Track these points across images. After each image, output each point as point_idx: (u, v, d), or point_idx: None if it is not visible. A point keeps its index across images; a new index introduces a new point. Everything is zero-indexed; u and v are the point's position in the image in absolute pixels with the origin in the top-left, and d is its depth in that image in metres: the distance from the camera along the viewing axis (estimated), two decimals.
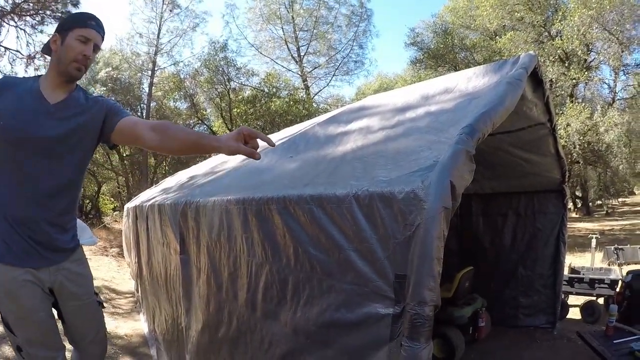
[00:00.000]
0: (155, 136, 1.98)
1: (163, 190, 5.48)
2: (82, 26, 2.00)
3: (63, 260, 2.12)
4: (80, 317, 2.23)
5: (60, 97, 2.04)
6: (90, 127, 2.10)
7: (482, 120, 1.90)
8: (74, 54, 1.98)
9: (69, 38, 1.99)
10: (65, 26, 2.02)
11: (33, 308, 2.00)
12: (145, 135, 2.01)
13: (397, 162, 1.95)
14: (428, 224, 1.44)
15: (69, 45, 1.98)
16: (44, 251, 2.04)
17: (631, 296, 4.37)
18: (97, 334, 2.33)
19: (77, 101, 2.09)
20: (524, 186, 4.91)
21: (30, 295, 1.99)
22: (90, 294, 2.28)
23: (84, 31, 2.00)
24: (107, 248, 11.97)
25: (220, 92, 20.91)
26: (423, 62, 22.25)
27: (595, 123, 15.44)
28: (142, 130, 2.02)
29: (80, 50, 1.99)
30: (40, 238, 2.02)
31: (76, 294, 2.18)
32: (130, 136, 2.11)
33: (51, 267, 2.07)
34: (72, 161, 2.09)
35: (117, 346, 4.87)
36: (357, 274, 1.68)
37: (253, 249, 2.31)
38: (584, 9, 14.86)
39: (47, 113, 2.00)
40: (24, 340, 2.02)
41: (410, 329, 1.45)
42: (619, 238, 14.13)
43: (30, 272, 1.99)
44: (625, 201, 38.27)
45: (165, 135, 1.97)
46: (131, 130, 2.07)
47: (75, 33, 1.99)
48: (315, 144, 3.55)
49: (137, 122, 2.10)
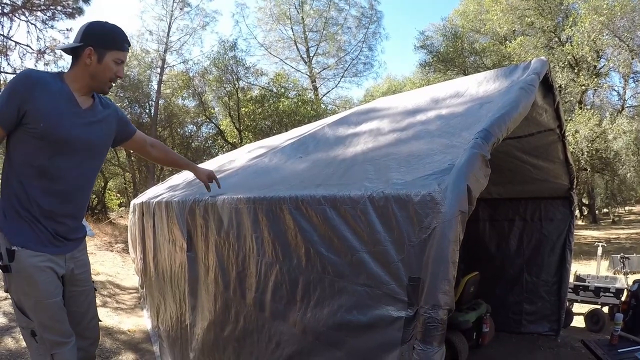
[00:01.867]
0: (154, 151, 2.80)
1: (170, 188, 5.49)
2: (120, 49, 2.16)
3: (75, 248, 2.34)
4: (79, 303, 2.41)
5: (88, 103, 2.23)
6: (109, 133, 2.39)
7: (497, 125, 1.90)
8: (111, 74, 2.17)
9: (107, 59, 2.12)
10: (102, 44, 2.10)
11: (50, 293, 2.13)
12: (148, 148, 2.75)
13: (410, 165, 1.94)
14: (444, 227, 1.44)
15: (107, 66, 2.13)
16: (62, 241, 2.23)
17: (637, 305, 4.36)
18: (93, 319, 2.52)
19: (98, 108, 2.29)
20: (532, 192, 4.90)
21: (49, 280, 2.14)
22: (90, 281, 2.51)
23: (122, 54, 2.17)
24: (112, 243, 12.00)
25: (228, 91, 20.94)
26: (432, 66, 22.19)
27: (603, 130, 15.36)
28: (147, 145, 2.74)
29: (116, 71, 2.17)
30: (61, 230, 2.21)
31: (81, 280, 2.40)
32: (137, 146, 2.72)
33: (67, 255, 2.27)
34: (95, 163, 2.35)
35: (119, 341, 4.89)
36: (369, 276, 1.68)
37: (263, 248, 2.31)
38: (594, 15, 14.78)
39: (80, 117, 2.17)
40: (39, 324, 2.14)
41: (424, 332, 1.45)
42: (625, 247, 14.08)
43: (50, 259, 2.15)
44: (632, 210, 38.04)
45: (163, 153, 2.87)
46: (141, 143, 2.71)
47: (113, 55, 2.13)
48: (325, 144, 3.55)
49: (144, 139, 2.73)
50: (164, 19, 21.86)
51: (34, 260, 2.09)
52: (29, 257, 2.08)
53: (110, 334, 5.05)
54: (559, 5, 17.55)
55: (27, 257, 2.07)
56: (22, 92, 1.99)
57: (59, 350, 2.19)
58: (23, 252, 2.07)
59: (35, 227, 2.12)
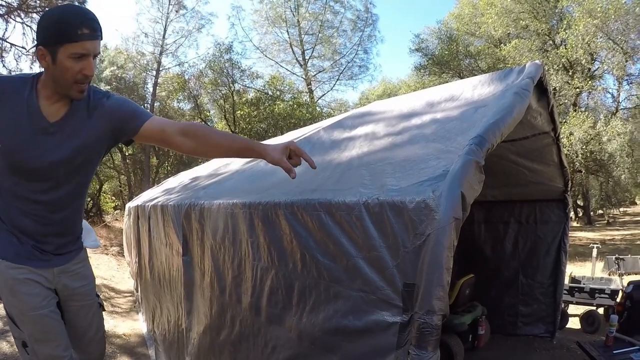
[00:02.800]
0: (188, 141, 1.92)
1: (165, 191, 5.48)
2: (73, 40, 1.63)
3: (66, 262, 2.08)
4: (81, 318, 2.22)
5: (60, 113, 1.82)
6: (95, 140, 1.92)
7: (492, 130, 1.91)
8: (72, 75, 1.69)
9: (61, 56, 1.65)
10: (51, 38, 1.65)
11: (34, 305, 1.94)
12: (175, 140, 1.93)
13: (405, 170, 1.95)
14: (439, 234, 1.45)
15: (63, 66, 1.67)
16: (48, 255, 2.00)
17: (632, 307, 4.38)
18: (97, 333, 2.32)
19: (78, 111, 1.85)
20: (526, 194, 4.91)
21: (33, 292, 1.94)
22: (92, 296, 2.27)
23: (78, 47, 1.65)
24: (107, 247, 11.97)
25: (224, 94, 20.94)
26: (427, 69, 22.25)
27: (598, 132, 15.46)
28: (172, 136, 1.93)
29: (78, 69, 1.68)
30: (46, 248, 1.98)
31: (79, 295, 2.17)
32: (156, 140, 2.04)
33: (55, 269, 2.03)
34: (78, 178, 1.98)
35: (115, 345, 4.87)
36: (365, 281, 1.69)
37: (258, 253, 2.31)
38: (588, 18, 14.88)
39: (47, 133, 1.80)
40: (30, 336, 1.98)
41: (418, 337, 1.46)
42: (619, 248, 14.13)
43: (32, 271, 1.94)
44: (626, 211, 38.26)
45: (203, 141, 1.93)
46: (158, 135, 1.96)
47: (66, 50, 1.64)
48: (321, 149, 3.55)
49: (164, 128, 1.96)
50: (159, 22, 21.87)
51: (13, 273, 1.90)
52: (8, 269, 1.89)
53: (105, 337, 5.03)
54: (553, 8, 17.66)
55: (6, 269, 1.89)
56: None
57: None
58: (2, 263, 1.89)
59: (16, 241, 1.92)
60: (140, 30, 23.90)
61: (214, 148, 1.97)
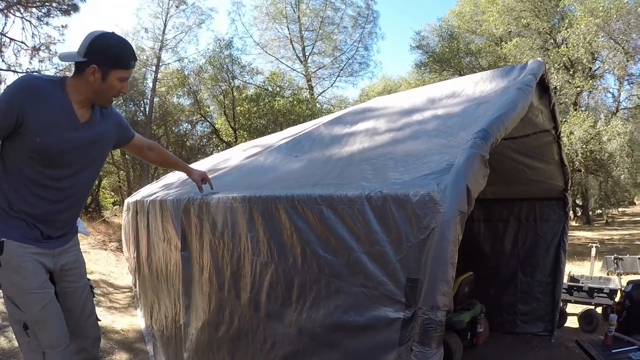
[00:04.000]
0: (152, 154, 2.88)
1: (164, 186, 5.46)
2: (126, 68, 2.12)
3: (63, 244, 2.35)
4: (75, 300, 2.41)
5: (87, 115, 2.21)
6: (106, 141, 2.39)
7: (496, 125, 1.88)
8: (114, 92, 2.15)
9: (112, 78, 2.08)
10: (107, 62, 2.05)
11: (39, 284, 2.15)
12: (145, 151, 2.83)
13: (407, 165, 1.93)
14: (444, 227, 1.42)
15: (111, 84, 2.10)
16: (51, 239, 2.25)
17: (630, 306, 4.37)
18: (90, 316, 2.52)
19: (97, 119, 2.28)
20: (527, 193, 4.91)
21: (37, 270, 2.15)
22: (85, 278, 2.52)
23: (127, 73, 2.14)
24: (106, 242, 11.95)
25: (224, 90, 20.89)
26: (428, 66, 22.23)
27: (598, 132, 15.46)
28: (144, 148, 2.81)
29: (119, 88, 2.15)
30: (52, 233, 2.25)
31: (73, 275, 2.40)
32: (135, 149, 2.79)
33: (55, 250, 2.28)
34: (92, 171, 2.37)
35: (113, 341, 4.86)
36: (367, 276, 1.66)
37: (258, 248, 2.29)
38: (590, 17, 14.86)
39: (78, 131, 2.16)
40: (32, 320, 2.13)
41: (422, 333, 1.43)
42: (618, 248, 14.17)
43: (37, 252, 2.16)
44: (625, 211, 38.33)
45: (161, 155, 2.99)
46: (139, 147, 2.78)
47: (118, 74, 2.09)
48: (321, 144, 3.53)
49: (142, 142, 2.79)
50: (159, 17, 21.81)
51: (21, 251, 2.11)
52: (16, 248, 2.09)
53: (103, 333, 5.01)
54: (554, 7, 17.65)
55: (15, 248, 2.09)
56: (21, 102, 1.98)
57: (52, 352, 2.17)
58: (10, 243, 2.08)
59: (24, 224, 2.14)
60: (140, 25, 23.97)
61: (163, 160, 3.07)
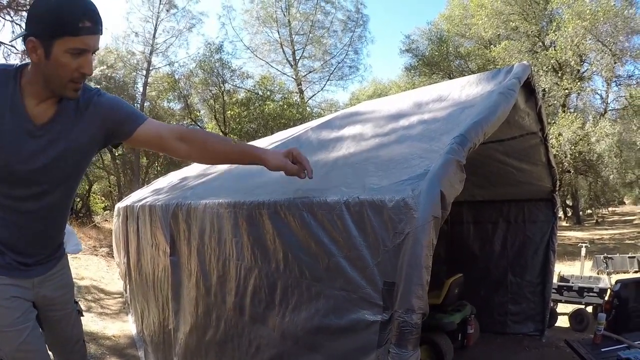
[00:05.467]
0: (186, 147, 1.84)
1: (154, 191, 5.46)
2: (73, 34, 1.44)
3: (47, 271, 1.94)
4: (62, 327, 2.10)
5: (47, 114, 1.64)
6: (83, 144, 1.76)
7: (474, 130, 1.91)
8: (69, 73, 1.51)
9: (57, 51, 1.46)
10: (47, 30, 1.44)
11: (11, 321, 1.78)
12: (172, 145, 1.84)
13: (388, 170, 1.95)
14: (418, 232, 1.45)
15: (58, 61, 1.47)
16: (28, 267, 1.85)
17: (620, 305, 4.41)
18: (77, 342, 2.21)
19: (67, 112, 1.68)
20: (515, 194, 4.95)
21: (9, 305, 1.77)
22: (71, 303, 2.15)
23: (77, 41, 1.46)
24: (96, 247, 11.89)
25: (214, 94, 20.90)
26: (417, 69, 22.33)
27: (586, 133, 15.58)
28: (169, 142, 1.83)
29: (75, 67, 1.50)
30: (27, 260, 1.83)
31: (58, 304, 2.04)
32: (151, 145, 1.92)
33: (35, 279, 1.88)
34: (63, 186, 1.81)
35: (104, 347, 4.84)
36: (346, 280, 1.68)
37: (242, 252, 2.31)
38: (578, 20, 14.99)
39: (32, 137, 1.62)
40: (7, 354, 1.80)
41: (398, 336, 1.45)
42: (608, 247, 14.28)
43: (11, 283, 1.79)
44: (615, 211, 38.58)
45: (201, 147, 1.86)
46: (154, 140, 1.85)
47: (64, 44, 1.45)
48: (308, 148, 3.55)
49: (161, 133, 1.84)
50: (150, 21, 21.84)
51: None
52: None
53: (95, 339, 5.00)
54: (543, 10, 17.79)
55: None
56: None
57: None
58: None
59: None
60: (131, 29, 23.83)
61: (211, 154, 1.90)
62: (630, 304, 4.37)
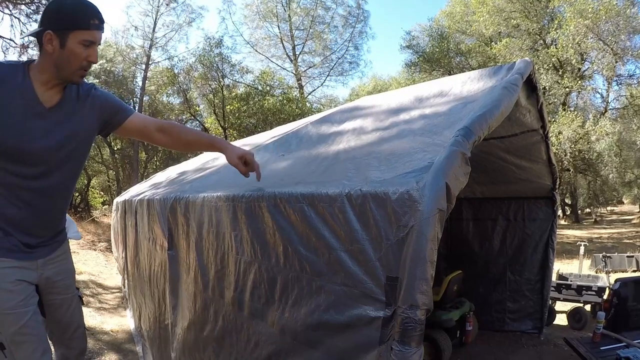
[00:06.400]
0: (164, 137, 2.24)
1: (153, 185, 5.43)
2: (85, 28, 1.78)
3: (50, 253, 2.10)
4: (62, 312, 2.21)
5: (55, 99, 1.90)
6: (84, 128, 2.03)
7: (479, 123, 1.89)
8: (79, 61, 1.82)
9: (71, 42, 1.77)
10: (62, 24, 1.76)
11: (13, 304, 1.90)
12: (153, 135, 2.22)
13: (390, 163, 1.92)
14: (422, 225, 1.41)
15: (71, 51, 1.78)
16: (32, 248, 2.00)
17: (618, 304, 4.40)
18: (78, 328, 2.31)
19: (70, 99, 1.96)
20: (515, 192, 4.93)
21: (12, 289, 1.90)
22: (73, 288, 2.28)
23: (88, 34, 1.79)
24: (95, 242, 11.87)
25: (213, 89, 20.78)
26: (418, 66, 22.22)
27: (586, 132, 15.55)
28: (151, 132, 2.22)
29: (85, 56, 1.82)
30: (31, 240, 1.98)
31: (60, 287, 2.17)
32: (136, 134, 2.27)
33: (39, 260, 2.04)
34: (68, 166, 2.03)
35: (102, 342, 4.83)
36: (347, 275, 1.65)
37: (242, 246, 2.28)
38: (579, 19, 14.94)
39: (42, 119, 1.87)
40: (7, 337, 1.91)
41: (401, 332, 1.42)
42: (606, 246, 14.29)
43: (16, 265, 1.93)
44: (613, 210, 38.67)
45: (176, 137, 2.27)
46: (139, 130, 2.22)
47: (77, 37, 1.77)
48: (308, 142, 3.52)
49: (145, 123, 2.22)
50: (149, 15, 21.69)
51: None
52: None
53: (93, 334, 4.98)
54: (544, 8, 17.72)
55: None
56: None
57: None
58: None
59: (1, 234, 1.91)
60: (130, 23, 23.83)
61: (184, 143, 2.33)
62: (630, 302, 4.37)
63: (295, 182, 2.04)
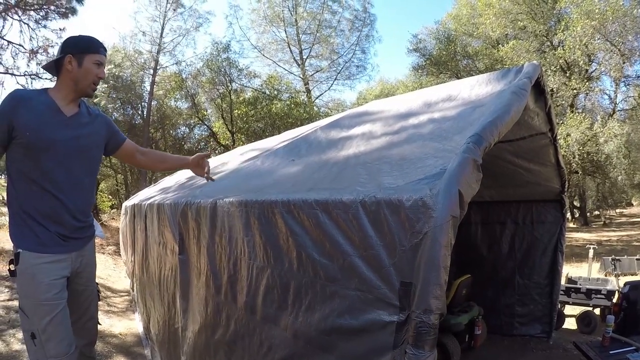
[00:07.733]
0: (144, 158, 2.82)
1: (162, 190, 5.47)
2: (96, 52, 2.33)
3: (82, 246, 2.45)
4: (81, 301, 2.50)
5: (73, 111, 2.37)
6: (96, 137, 2.49)
7: (489, 129, 1.90)
8: (92, 76, 2.33)
9: (86, 62, 2.30)
10: (79, 49, 2.29)
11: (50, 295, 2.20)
12: (137, 157, 2.79)
13: (402, 169, 1.94)
14: (436, 232, 1.43)
15: (87, 69, 2.30)
16: (67, 240, 2.33)
17: (628, 307, 4.39)
18: (90, 319, 2.60)
19: (85, 114, 2.43)
20: (523, 195, 4.92)
21: (49, 282, 2.21)
22: (93, 280, 2.61)
23: (99, 57, 2.34)
24: (103, 246, 11.93)
25: (221, 93, 20.88)
26: (425, 69, 22.21)
27: (595, 133, 15.45)
28: (136, 154, 2.78)
29: (96, 73, 2.34)
30: (63, 230, 2.32)
31: (83, 278, 2.49)
32: (127, 157, 2.79)
33: (73, 254, 2.37)
34: (87, 164, 2.43)
35: (111, 345, 4.85)
36: (361, 280, 1.67)
37: (254, 252, 2.30)
38: (586, 20, 14.87)
39: (65, 124, 2.30)
40: (40, 327, 2.17)
41: (415, 336, 1.44)
42: (616, 249, 14.18)
43: (54, 260, 2.25)
44: (622, 212, 38.36)
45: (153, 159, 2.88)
46: (131, 153, 2.76)
47: (91, 58, 2.31)
48: (318, 148, 3.54)
49: (134, 148, 2.77)
50: (157, 20, 21.74)
51: (36, 262, 2.20)
52: (31, 259, 2.19)
53: (101, 337, 5.01)
54: (551, 9, 17.66)
55: (29, 259, 2.19)
56: (9, 111, 2.16)
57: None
58: (26, 254, 2.20)
59: (37, 229, 2.24)
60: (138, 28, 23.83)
61: (160, 164, 2.98)
62: (639, 305, 4.35)
63: (308, 188, 2.06)
